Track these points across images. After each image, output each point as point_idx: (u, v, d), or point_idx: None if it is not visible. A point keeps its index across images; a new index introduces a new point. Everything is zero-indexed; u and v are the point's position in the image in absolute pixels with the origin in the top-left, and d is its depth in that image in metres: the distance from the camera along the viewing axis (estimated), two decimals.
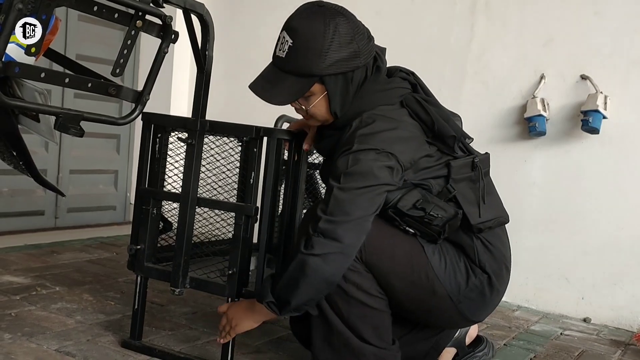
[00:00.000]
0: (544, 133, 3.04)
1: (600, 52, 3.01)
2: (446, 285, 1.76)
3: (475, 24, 3.29)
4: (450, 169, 1.78)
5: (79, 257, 3.25)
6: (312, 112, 1.79)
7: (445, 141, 1.78)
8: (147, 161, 2.01)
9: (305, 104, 1.78)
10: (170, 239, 2.10)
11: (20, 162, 1.78)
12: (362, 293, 1.75)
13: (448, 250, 1.79)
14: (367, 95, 1.77)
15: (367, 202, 1.65)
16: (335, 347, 1.79)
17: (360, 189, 1.65)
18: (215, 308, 2.58)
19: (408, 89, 1.82)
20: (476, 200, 1.80)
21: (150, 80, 1.68)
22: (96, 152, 4.05)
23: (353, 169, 1.65)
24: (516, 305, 3.16)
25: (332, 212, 1.64)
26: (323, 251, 1.62)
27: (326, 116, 1.80)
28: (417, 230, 1.75)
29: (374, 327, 1.78)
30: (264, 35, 3.98)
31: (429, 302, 1.78)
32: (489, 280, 1.81)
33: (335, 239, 1.63)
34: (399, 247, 1.76)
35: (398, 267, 1.75)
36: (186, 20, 1.82)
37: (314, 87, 1.73)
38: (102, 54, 3.86)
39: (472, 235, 1.80)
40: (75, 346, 2.04)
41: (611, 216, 2.99)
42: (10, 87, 1.62)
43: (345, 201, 1.64)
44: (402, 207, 1.71)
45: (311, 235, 1.64)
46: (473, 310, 1.82)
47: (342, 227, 1.63)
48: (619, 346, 2.69)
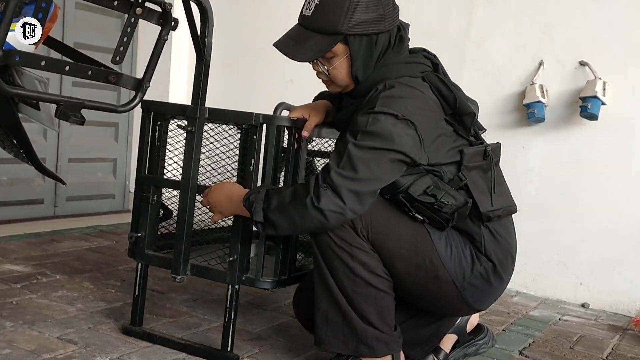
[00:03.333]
0: (543, 119, 3.05)
1: (599, 39, 3.00)
2: (451, 272, 1.77)
3: (474, 11, 3.29)
4: (463, 155, 1.79)
5: (79, 245, 3.26)
6: (333, 75, 1.80)
7: (462, 121, 1.80)
8: (146, 149, 2.02)
9: (328, 65, 1.79)
10: (170, 226, 2.10)
11: (20, 150, 1.78)
12: (368, 272, 1.76)
13: (454, 237, 1.80)
14: (390, 64, 1.80)
15: (376, 165, 1.67)
16: (337, 327, 1.80)
17: (375, 149, 1.66)
18: (215, 295, 2.59)
19: (429, 67, 1.84)
20: (487, 189, 1.82)
21: (151, 67, 1.68)
22: (95, 140, 4.04)
23: (371, 128, 1.67)
24: (515, 291, 3.17)
25: (343, 166, 1.66)
26: (327, 207, 1.65)
27: (347, 80, 1.81)
28: (426, 216, 1.76)
29: (378, 309, 1.79)
30: (263, 22, 3.97)
31: (432, 287, 1.79)
32: (494, 268, 1.82)
33: (340, 198, 1.65)
34: (405, 230, 1.77)
35: (403, 250, 1.76)
36: (185, 8, 1.82)
37: (337, 48, 1.75)
38: (100, 41, 3.84)
39: (479, 223, 1.81)
40: (77, 333, 2.05)
41: (610, 202, 3.00)
42: (10, 75, 1.62)
43: (357, 158, 1.66)
44: (412, 192, 1.73)
45: (320, 185, 1.66)
46: (477, 297, 1.84)
47: (348, 185, 1.65)
48: (617, 331, 2.71)
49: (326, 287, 1.80)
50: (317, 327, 1.83)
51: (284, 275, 1.95)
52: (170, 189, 2.04)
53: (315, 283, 1.83)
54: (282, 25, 4.26)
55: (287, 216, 1.70)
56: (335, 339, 1.81)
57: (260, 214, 1.73)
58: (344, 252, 1.75)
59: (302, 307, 2.03)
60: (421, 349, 2.00)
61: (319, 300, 1.82)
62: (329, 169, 1.68)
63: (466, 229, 1.81)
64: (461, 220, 1.78)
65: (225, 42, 3.92)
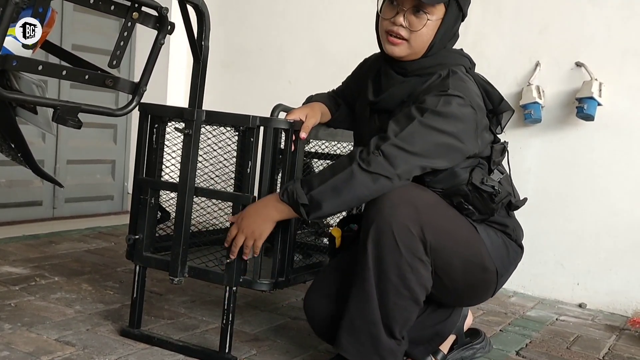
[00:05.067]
0: (540, 120, 3.06)
1: (594, 39, 3.01)
2: (496, 261, 1.85)
3: (470, 12, 3.25)
4: (493, 150, 1.87)
5: (77, 247, 3.27)
6: (418, 34, 1.78)
7: (498, 118, 1.87)
8: (144, 151, 2.02)
9: (417, 22, 1.77)
10: (168, 228, 2.11)
11: (18, 154, 1.79)
12: (419, 285, 1.74)
13: (488, 227, 1.87)
14: (452, 51, 1.87)
15: (434, 146, 1.70)
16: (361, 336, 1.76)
17: (438, 130, 1.70)
18: (213, 297, 2.60)
19: (469, 65, 1.92)
20: (509, 183, 1.92)
21: (147, 71, 1.68)
22: (93, 142, 4.05)
23: (441, 109, 1.70)
24: (512, 291, 3.18)
25: (403, 138, 1.68)
26: (376, 170, 1.66)
27: (424, 44, 1.81)
28: (477, 208, 1.81)
29: (405, 321, 1.77)
30: (260, 24, 3.98)
31: (477, 277, 1.85)
32: (521, 253, 1.96)
33: (392, 164, 1.67)
34: (459, 225, 1.81)
35: (460, 247, 1.79)
36: (182, 11, 1.82)
37: (440, 7, 1.77)
38: (98, 43, 3.85)
39: (506, 212, 1.91)
40: (75, 335, 2.06)
41: (606, 202, 3.01)
42: (7, 79, 1.63)
43: (418, 134, 1.68)
44: (475, 181, 1.78)
45: (371, 152, 1.67)
46: (502, 284, 1.93)
47: (402, 156, 1.67)
48: (614, 331, 2.72)
49: (365, 293, 1.73)
50: (341, 329, 1.78)
51: (282, 277, 1.96)
52: (168, 191, 2.05)
53: (355, 285, 1.76)
54: (278, 28, 4.29)
55: (332, 187, 1.68)
56: (355, 347, 1.77)
57: (304, 196, 1.71)
58: (406, 264, 1.70)
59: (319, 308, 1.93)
60: (424, 347, 1.99)
61: (352, 303, 1.76)
62: (385, 138, 1.68)
63: (499, 219, 1.88)
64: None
65: (222, 44, 3.94)
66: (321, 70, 3.69)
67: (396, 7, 1.79)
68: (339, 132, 2.20)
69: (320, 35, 3.74)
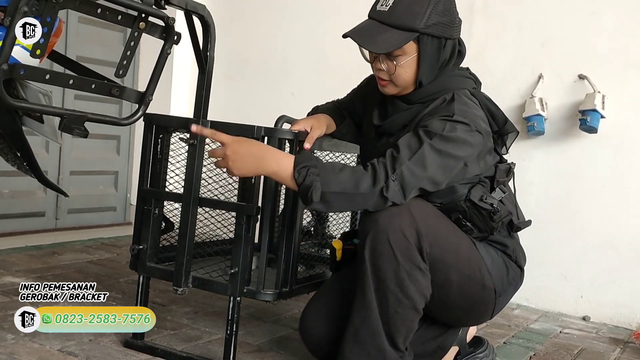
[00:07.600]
0: (543, 132, 3.06)
1: (597, 52, 3.02)
2: (495, 280, 1.85)
3: (474, 25, 3.31)
4: (497, 170, 1.87)
5: (80, 257, 3.26)
6: (397, 74, 1.79)
7: (503, 139, 1.88)
8: (148, 162, 2.03)
9: (392, 64, 1.78)
10: (172, 239, 2.11)
11: (24, 163, 1.79)
12: (418, 294, 1.74)
13: (488, 246, 1.87)
14: (453, 75, 1.85)
15: (443, 169, 1.71)
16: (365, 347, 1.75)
17: (447, 154, 1.71)
18: (216, 308, 2.59)
19: (474, 85, 1.91)
20: (513, 203, 1.91)
21: (153, 81, 1.69)
22: (96, 153, 4.06)
23: (448, 134, 1.71)
24: (515, 303, 3.17)
25: (415, 162, 1.68)
26: (392, 198, 1.68)
27: (408, 82, 1.81)
28: (476, 225, 1.82)
29: (407, 331, 1.77)
30: (265, 36, 4.00)
31: (476, 296, 1.84)
32: (521, 274, 1.94)
33: (404, 195, 1.69)
34: (459, 241, 1.81)
35: (460, 262, 1.79)
36: (187, 21, 1.83)
37: (408, 45, 1.75)
38: (102, 55, 3.86)
39: (508, 233, 1.91)
40: (78, 346, 2.06)
41: (610, 215, 3.00)
42: (14, 88, 1.64)
43: (429, 158, 1.69)
44: (473, 198, 1.79)
45: (389, 176, 1.68)
46: (502, 304, 1.92)
47: (414, 183, 1.69)
48: (618, 344, 2.71)
49: (367, 303, 1.73)
50: (345, 341, 1.77)
51: (285, 288, 1.96)
52: (172, 201, 2.05)
53: (356, 295, 1.76)
54: (283, 40, 4.30)
55: (347, 197, 1.68)
56: (359, 358, 1.76)
57: (319, 194, 1.67)
58: (404, 272, 1.70)
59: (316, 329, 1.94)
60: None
61: (354, 314, 1.76)
62: (400, 161, 1.68)
63: (499, 239, 1.88)
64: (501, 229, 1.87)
65: (227, 56, 3.94)
66: (324, 83, 3.69)
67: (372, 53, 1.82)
68: (343, 143, 2.21)
69: (323, 48, 3.75)
